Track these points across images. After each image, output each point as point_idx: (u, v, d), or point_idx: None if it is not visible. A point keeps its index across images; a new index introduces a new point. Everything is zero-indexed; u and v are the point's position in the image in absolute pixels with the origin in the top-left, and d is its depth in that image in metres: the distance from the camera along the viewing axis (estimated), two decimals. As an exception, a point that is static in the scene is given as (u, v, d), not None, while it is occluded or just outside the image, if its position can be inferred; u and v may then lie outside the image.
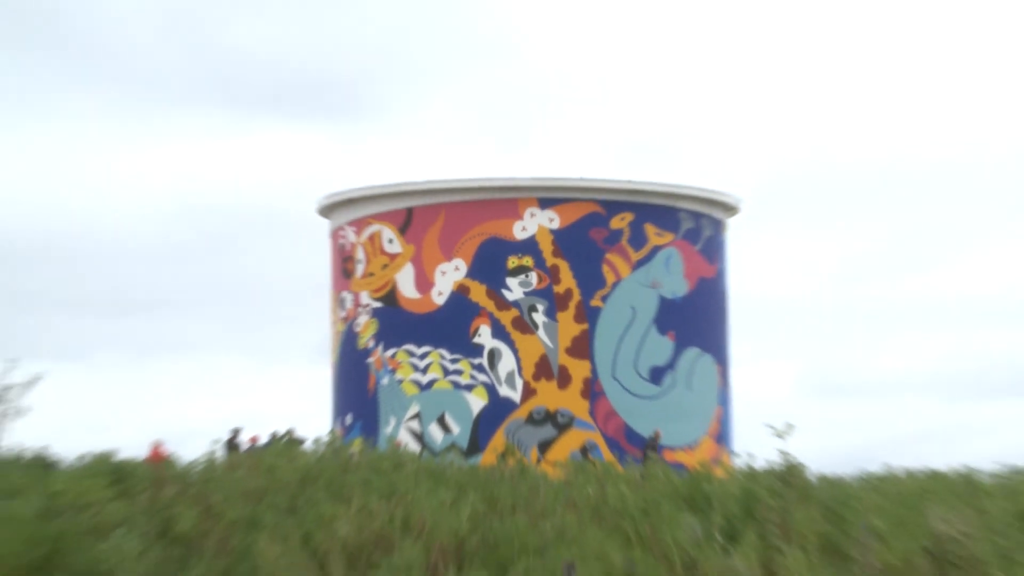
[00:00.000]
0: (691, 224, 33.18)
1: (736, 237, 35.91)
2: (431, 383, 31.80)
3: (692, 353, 32.42)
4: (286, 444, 24.40)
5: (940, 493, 13.34)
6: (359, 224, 33.57)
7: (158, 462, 16.77)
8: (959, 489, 14.34)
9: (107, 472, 13.93)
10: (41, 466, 16.59)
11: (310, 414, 44.02)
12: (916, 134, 66.59)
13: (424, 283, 32.10)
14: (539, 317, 31.42)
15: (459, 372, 31.71)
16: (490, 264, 31.71)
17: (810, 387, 50.45)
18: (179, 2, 63.46)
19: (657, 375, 31.69)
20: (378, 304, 32.86)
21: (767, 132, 67.04)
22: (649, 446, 29.53)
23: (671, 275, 32.42)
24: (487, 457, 27.14)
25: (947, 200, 61.35)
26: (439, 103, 65.59)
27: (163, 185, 64.54)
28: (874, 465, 18.76)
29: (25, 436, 21.25)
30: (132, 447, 18.76)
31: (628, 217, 31.83)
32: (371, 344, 32.93)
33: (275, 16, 62.68)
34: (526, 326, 31.35)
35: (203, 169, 64.58)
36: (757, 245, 56.03)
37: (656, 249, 32.07)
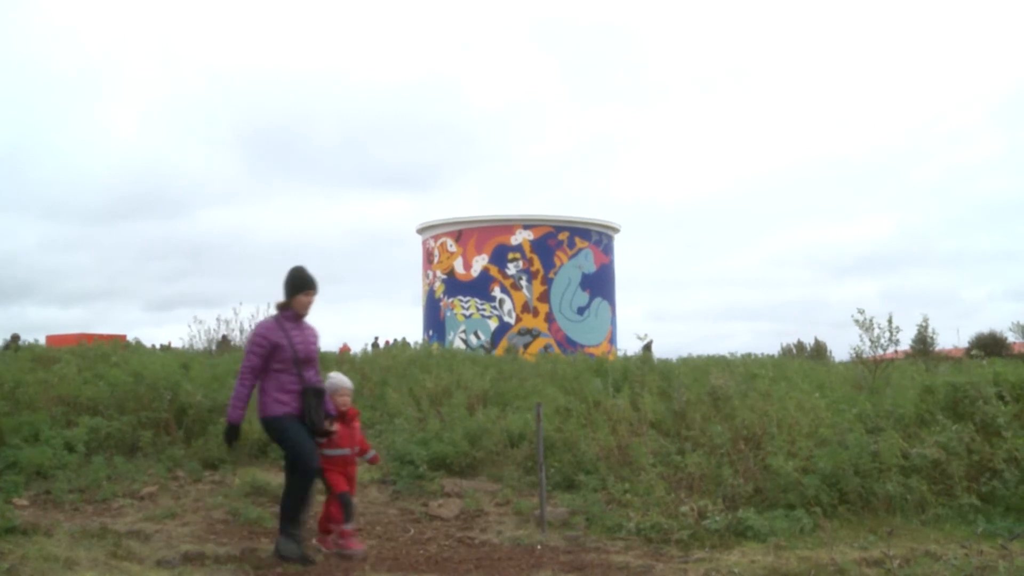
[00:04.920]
0: (597, 237, 37.76)
1: (619, 243, 40.28)
2: (470, 315, 35.73)
3: (597, 300, 37.01)
4: (400, 345, 25.07)
5: (716, 365, 15.61)
6: (435, 237, 37.93)
7: (343, 352, 19.49)
8: (721, 362, 17.37)
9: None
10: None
11: (412, 331, 46.19)
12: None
13: (467, 266, 36.23)
14: (523, 283, 35.61)
15: (484, 310, 35.74)
16: (499, 256, 35.83)
17: (652, 317, 67.12)
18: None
19: (581, 311, 36.29)
20: (444, 276, 36.95)
21: (638, 184, 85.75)
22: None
23: (587, 262, 36.89)
24: (499, 352, 27.81)
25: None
26: (470, 181, 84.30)
27: (350, 225, 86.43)
28: (683, 352, 21.48)
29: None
30: (331, 345, 22.96)
31: (566, 234, 36.57)
32: (441, 295, 36.89)
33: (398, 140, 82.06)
34: (517, 287, 35.55)
35: (369, 215, 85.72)
36: (628, 247, 76.00)
37: (580, 249, 36.69)
